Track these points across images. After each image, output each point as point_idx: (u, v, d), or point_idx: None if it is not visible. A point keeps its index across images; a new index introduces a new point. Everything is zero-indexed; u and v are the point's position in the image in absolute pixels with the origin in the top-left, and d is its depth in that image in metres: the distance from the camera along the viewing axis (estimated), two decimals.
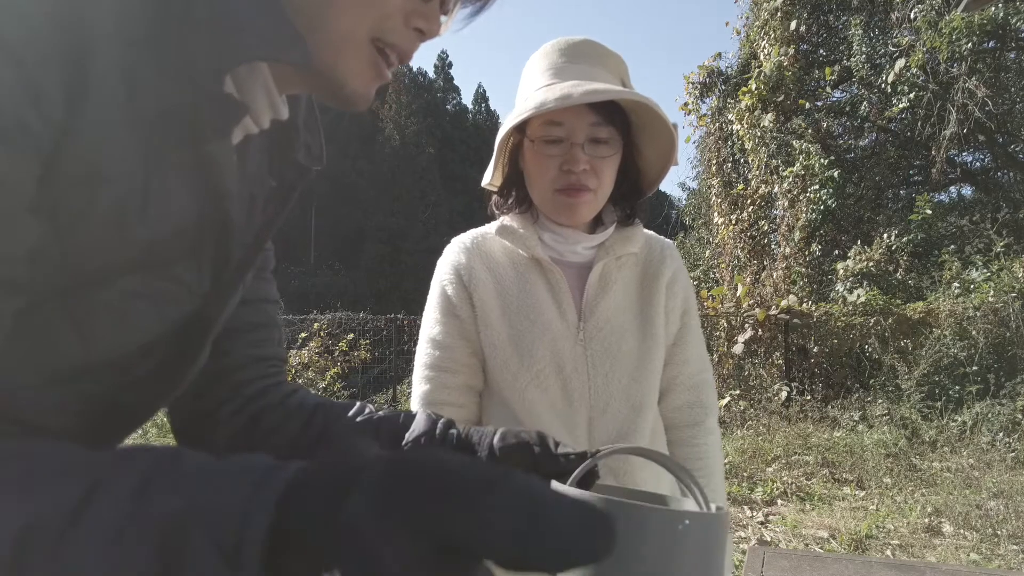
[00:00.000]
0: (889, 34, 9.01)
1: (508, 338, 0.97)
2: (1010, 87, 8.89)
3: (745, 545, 3.42)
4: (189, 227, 0.44)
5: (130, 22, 0.38)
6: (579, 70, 0.94)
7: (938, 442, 5.17)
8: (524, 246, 0.99)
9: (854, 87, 10.07)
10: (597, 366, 0.97)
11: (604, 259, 1.00)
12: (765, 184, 8.76)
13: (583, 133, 0.93)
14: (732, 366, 6.63)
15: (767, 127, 8.70)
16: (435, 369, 0.99)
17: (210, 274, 0.49)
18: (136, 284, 0.43)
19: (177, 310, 0.47)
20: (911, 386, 5.76)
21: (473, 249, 1.03)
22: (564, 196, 0.95)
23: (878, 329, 6.30)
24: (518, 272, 1.00)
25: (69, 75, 0.35)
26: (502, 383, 0.98)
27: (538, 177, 0.97)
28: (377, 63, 0.50)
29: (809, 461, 4.77)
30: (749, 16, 10.10)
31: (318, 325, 9.41)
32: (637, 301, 1.02)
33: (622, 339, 0.98)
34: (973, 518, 3.64)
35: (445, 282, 1.01)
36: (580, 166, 0.92)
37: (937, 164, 8.90)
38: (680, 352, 1.05)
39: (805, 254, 8.32)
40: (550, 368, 0.96)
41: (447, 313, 1.00)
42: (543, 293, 0.98)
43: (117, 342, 0.44)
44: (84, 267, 0.39)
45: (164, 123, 0.40)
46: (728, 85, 9.97)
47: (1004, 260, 6.57)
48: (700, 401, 1.06)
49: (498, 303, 0.99)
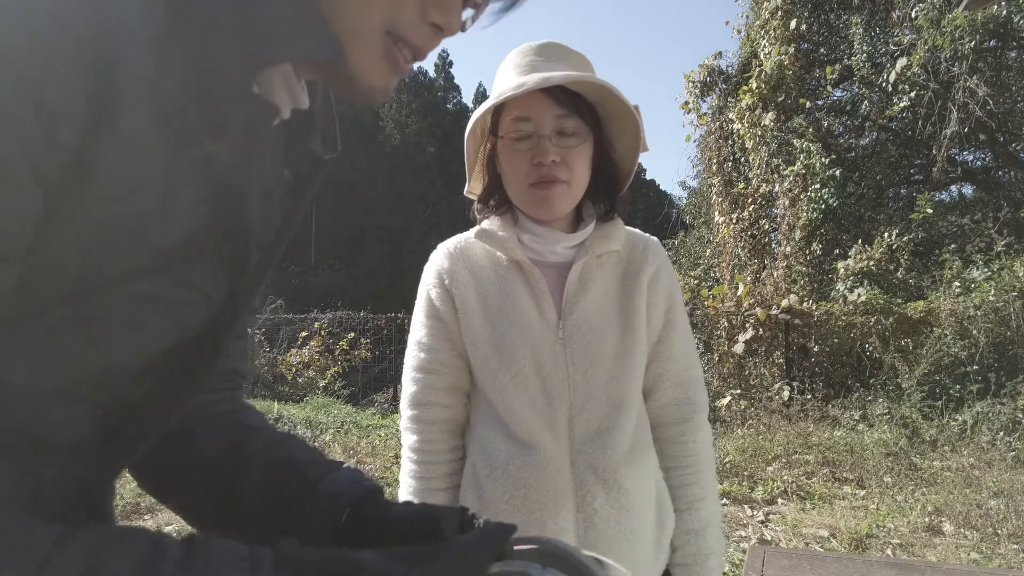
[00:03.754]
0: (890, 33, 8.99)
1: (489, 339, 0.99)
2: (1011, 86, 8.87)
3: (745, 544, 3.42)
4: (204, 231, 0.43)
5: (154, 29, 0.37)
6: (545, 66, 0.97)
7: (939, 441, 5.16)
8: (503, 248, 1.01)
9: (855, 86, 10.05)
10: (576, 364, 0.98)
11: (584, 258, 1.01)
12: (766, 183, 8.75)
13: (549, 125, 0.95)
14: (733, 365, 6.63)
15: (768, 126, 8.69)
16: (422, 371, 1.03)
17: (226, 279, 0.48)
18: (148, 289, 0.42)
19: (192, 315, 0.46)
20: (912, 385, 5.75)
21: (456, 254, 1.05)
22: (538, 189, 0.97)
23: (879, 328, 6.30)
24: (499, 274, 1.02)
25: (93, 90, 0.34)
26: (484, 383, 1.00)
27: (512, 174, 0.99)
28: (393, 55, 0.47)
29: (810, 460, 4.77)
30: (749, 15, 10.08)
31: (319, 324, 9.41)
32: (618, 298, 1.03)
33: (602, 336, 0.99)
34: (973, 517, 3.64)
35: (429, 286, 1.05)
36: (549, 157, 0.94)
37: (938, 163, 8.88)
38: (665, 349, 1.06)
39: (806, 253, 8.30)
40: (530, 367, 0.97)
41: (431, 316, 1.03)
42: (523, 294, 1.00)
43: (130, 349, 0.42)
44: (96, 274, 0.38)
45: (187, 128, 0.39)
46: (729, 84, 9.95)
47: (1005, 259, 6.56)
48: (688, 398, 1.06)
49: (479, 305, 1.01)
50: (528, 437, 0.95)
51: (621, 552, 0.94)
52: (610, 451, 0.95)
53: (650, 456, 1.02)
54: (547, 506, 0.94)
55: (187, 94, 0.39)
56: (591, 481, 0.94)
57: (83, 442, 0.42)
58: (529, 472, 0.94)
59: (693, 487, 1.04)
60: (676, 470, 1.05)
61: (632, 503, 0.96)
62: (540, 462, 0.94)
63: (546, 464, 0.94)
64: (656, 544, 1.01)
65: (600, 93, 0.97)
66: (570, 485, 0.94)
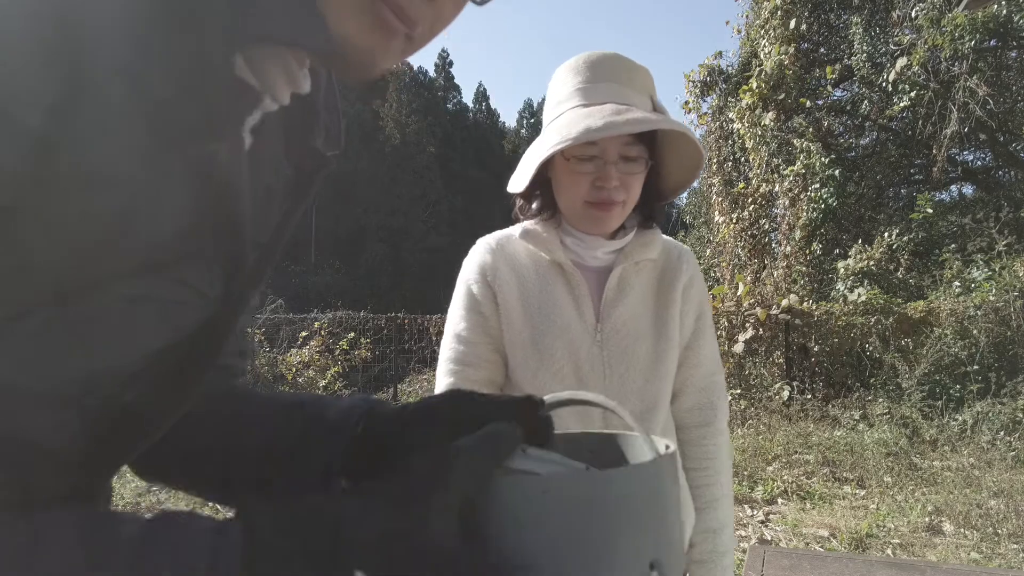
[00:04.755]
0: (890, 33, 8.99)
1: (529, 337, 1.02)
2: (1012, 86, 8.87)
3: (746, 544, 3.42)
4: (192, 227, 0.41)
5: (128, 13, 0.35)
6: (610, 90, 0.98)
7: (939, 441, 5.17)
8: (546, 249, 1.04)
9: (855, 86, 10.06)
10: (613, 367, 1.01)
11: (623, 264, 1.04)
12: (766, 183, 8.75)
13: (615, 153, 0.98)
14: (733, 365, 6.63)
15: (768, 126, 8.69)
16: (459, 363, 1.04)
17: (223, 277, 0.46)
18: (140, 289, 0.40)
19: (187, 315, 0.44)
20: (912, 385, 5.75)
21: (498, 250, 1.07)
22: (595, 210, 1.00)
23: (879, 328, 6.30)
24: (540, 274, 1.05)
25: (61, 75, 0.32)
26: (522, 379, 1.03)
27: (569, 190, 1.01)
28: (385, 21, 0.41)
29: (810, 460, 4.77)
30: (750, 15, 10.09)
31: (319, 324, 9.42)
32: (653, 305, 1.06)
33: (637, 342, 1.03)
34: (974, 517, 3.64)
35: (471, 280, 1.06)
36: (612, 183, 0.97)
37: (938, 163, 8.88)
38: (693, 355, 1.09)
39: (806, 253, 8.31)
40: (568, 367, 1.00)
41: (472, 310, 1.05)
42: (563, 295, 1.03)
43: (123, 350, 0.41)
44: (80, 273, 0.37)
45: (166, 117, 0.37)
46: (729, 84, 9.96)
47: (1005, 259, 6.57)
48: (711, 403, 1.10)
49: (520, 303, 1.03)
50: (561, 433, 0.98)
51: None
52: None
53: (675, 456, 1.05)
54: None
55: (167, 78, 0.36)
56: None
57: (75, 446, 0.41)
58: None
59: (712, 488, 1.08)
60: (696, 471, 1.09)
61: None
62: None
63: None
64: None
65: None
66: None
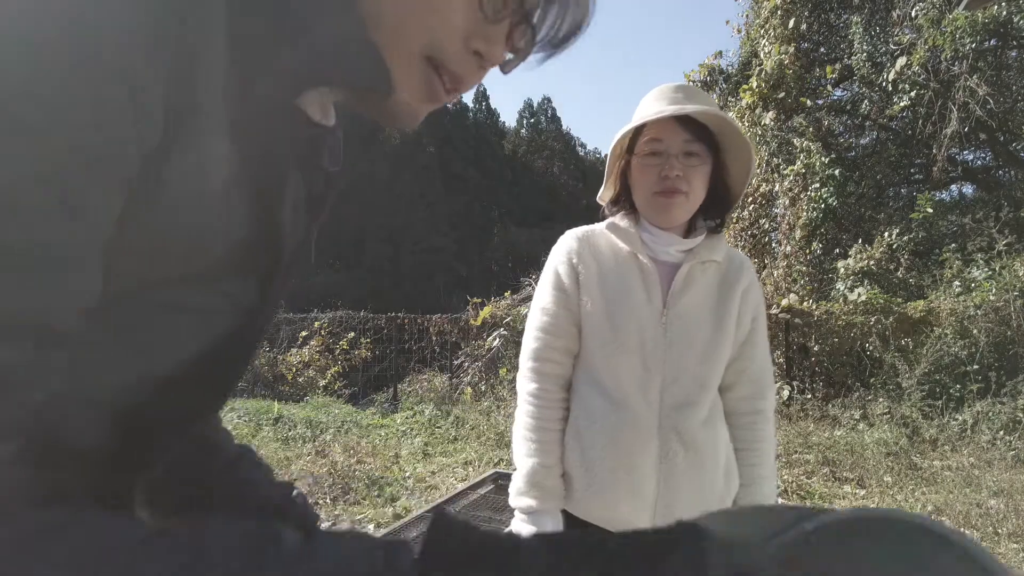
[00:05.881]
0: (890, 32, 8.99)
1: (604, 311, 1.18)
2: (1012, 85, 8.87)
3: None
4: (243, 242, 0.43)
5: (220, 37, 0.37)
6: (683, 102, 1.17)
7: (939, 441, 5.17)
8: (627, 241, 1.21)
9: (855, 85, 10.06)
10: (674, 346, 1.16)
11: (691, 262, 1.19)
12: (766, 182, 8.75)
13: (678, 147, 1.15)
14: None
15: (768, 125, 8.69)
16: (543, 331, 1.23)
17: (257, 288, 0.47)
18: (182, 297, 0.41)
19: (223, 324, 0.45)
20: (912, 385, 5.75)
21: (583, 239, 1.25)
22: (661, 197, 1.16)
23: (879, 328, 6.30)
24: (618, 262, 1.22)
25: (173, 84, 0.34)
26: (594, 348, 1.19)
27: (641, 183, 1.19)
28: (431, 82, 0.46)
29: (810, 460, 4.78)
30: (750, 14, 10.09)
31: (319, 324, 9.42)
32: (714, 302, 1.21)
33: (697, 328, 1.18)
34: (974, 517, 3.64)
35: (558, 262, 1.25)
36: (675, 172, 1.14)
37: (938, 162, 8.89)
38: (749, 350, 1.25)
39: (806, 253, 8.31)
40: (635, 341, 1.16)
41: (556, 288, 1.23)
42: (636, 281, 1.19)
43: (159, 357, 0.42)
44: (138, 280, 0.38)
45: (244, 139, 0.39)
46: (729, 83, 9.96)
47: (1006, 259, 6.57)
48: (761, 393, 1.26)
49: (598, 282, 1.20)
50: (622, 398, 1.16)
51: (693, 501, 1.14)
52: (691, 419, 1.15)
53: (721, 429, 1.22)
54: (634, 455, 1.14)
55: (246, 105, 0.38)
56: (674, 440, 1.15)
57: (103, 447, 0.41)
58: (620, 427, 1.15)
59: (757, 467, 1.24)
60: (745, 451, 1.25)
61: (704, 463, 1.16)
62: (630, 420, 1.15)
63: (635, 422, 1.14)
64: (721, 501, 1.20)
65: (722, 126, 1.16)
66: (655, 442, 1.15)
